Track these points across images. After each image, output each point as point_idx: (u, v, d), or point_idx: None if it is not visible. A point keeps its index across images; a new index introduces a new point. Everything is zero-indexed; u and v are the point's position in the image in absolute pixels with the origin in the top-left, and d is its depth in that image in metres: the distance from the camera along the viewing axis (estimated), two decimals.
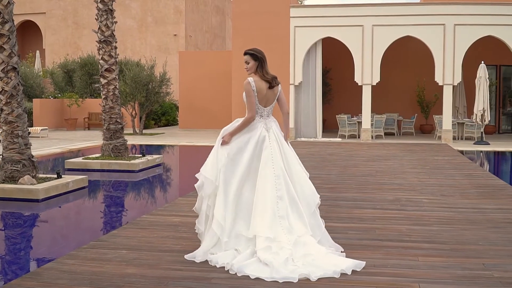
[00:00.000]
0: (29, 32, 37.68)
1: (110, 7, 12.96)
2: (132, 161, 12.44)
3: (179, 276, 4.71)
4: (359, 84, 19.79)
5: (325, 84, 22.46)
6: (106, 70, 12.98)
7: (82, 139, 20.15)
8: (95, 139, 19.54)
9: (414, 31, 19.35)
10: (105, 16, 12.88)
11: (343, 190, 9.18)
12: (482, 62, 18.66)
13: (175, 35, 33.16)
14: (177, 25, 33.21)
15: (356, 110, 21.61)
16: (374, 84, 19.66)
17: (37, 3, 35.58)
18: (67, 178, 9.85)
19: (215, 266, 4.95)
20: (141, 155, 13.36)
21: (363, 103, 19.73)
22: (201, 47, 35.33)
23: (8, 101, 9.47)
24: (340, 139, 20.17)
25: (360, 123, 20.30)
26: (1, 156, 9.60)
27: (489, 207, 7.67)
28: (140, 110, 23.43)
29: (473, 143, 18.56)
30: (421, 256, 5.25)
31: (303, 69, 20.13)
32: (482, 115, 18.41)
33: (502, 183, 9.89)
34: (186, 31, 33.33)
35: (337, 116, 20.94)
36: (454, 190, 9.08)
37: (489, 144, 18.13)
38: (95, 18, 13.06)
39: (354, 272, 4.79)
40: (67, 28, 35.04)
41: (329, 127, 23.50)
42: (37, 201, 8.84)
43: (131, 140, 19.09)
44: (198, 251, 5.21)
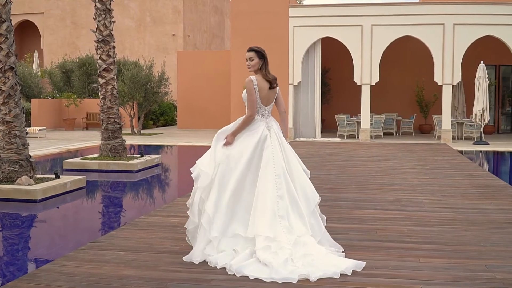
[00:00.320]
0: (27, 32, 37.60)
1: (108, 6, 12.90)
2: (131, 161, 12.38)
3: (177, 278, 4.66)
4: (358, 84, 19.75)
5: (324, 84, 22.41)
6: (104, 70, 12.91)
7: (80, 139, 20.08)
8: (93, 139, 19.48)
9: (413, 31, 19.31)
10: (103, 16, 12.81)
11: (343, 190, 9.13)
12: (482, 62, 18.62)
13: (173, 35, 33.08)
14: (175, 25, 33.13)
15: (355, 110, 21.57)
16: (373, 84, 19.62)
17: (35, 3, 35.50)
18: (65, 179, 9.80)
19: (214, 267, 4.90)
20: (139, 155, 13.30)
21: (362, 103, 19.68)
22: (199, 47, 35.26)
23: (6, 101, 9.41)
24: (339, 139, 20.13)
25: (359, 123, 20.26)
26: None
27: (490, 207, 7.62)
28: (139, 110, 23.36)
29: (473, 143, 18.52)
30: (422, 257, 5.20)
31: (302, 69, 20.08)
32: (481, 115, 18.37)
33: (502, 183, 9.84)
34: (185, 31, 33.25)
35: (336, 116, 20.89)
36: (455, 191, 9.02)
37: (488, 144, 18.09)
38: (93, 18, 13.00)
39: (354, 273, 4.74)
40: (66, 28, 34.94)
41: (328, 127, 23.45)
42: (34, 201, 8.78)
43: (129, 140, 19.02)
44: (194, 251, 5.14)
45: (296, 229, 5.06)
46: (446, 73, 19.15)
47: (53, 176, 9.76)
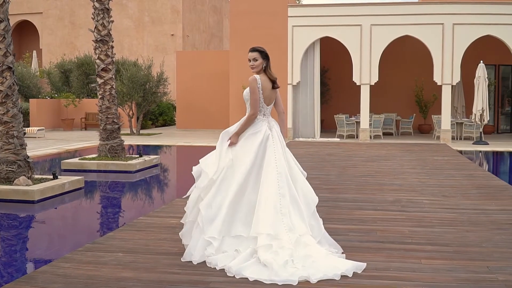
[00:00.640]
0: (26, 32, 37.51)
1: (106, 6, 12.84)
2: (129, 162, 12.32)
3: (176, 280, 4.60)
4: (357, 84, 19.70)
5: (323, 84, 22.35)
6: (102, 69, 12.86)
7: (79, 140, 20.02)
8: (92, 139, 19.41)
9: (413, 30, 19.27)
10: (102, 15, 12.75)
11: (343, 191, 9.07)
12: (481, 61, 18.57)
13: (172, 35, 33.03)
14: (174, 24, 33.08)
15: (354, 110, 21.51)
16: (373, 84, 19.58)
17: (34, 3, 35.41)
18: (63, 179, 9.74)
19: (213, 269, 4.84)
20: (138, 155, 13.24)
21: (361, 103, 19.64)
22: (198, 47, 35.21)
23: (3, 101, 9.35)
24: (338, 139, 20.08)
25: (358, 123, 20.22)
26: None
27: (491, 208, 7.57)
28: (137, 110, 23.29)
29: (472, 143, 18.48)
30: (424, 259, 5.15)
31: (301, 69, 20.03)
32: (481, 115, 18.33)
33: (503, 183, 9.78)
34: (184, 31, 33.20)
35: (335, 116, 20.84)
36: (455, 191, 8.97)
37: (488, 144, 18.05)
38: (92, 17, 12.94)
39: (355, 275, 4.69)
40: (64, 28, 34.88)
41: (327, 127, 23.40)
42: (32, 202, 8.72)
43: (128, 141, 18.97)
44: (193, 251, 5.07)
45: (297, 228, 5.03)
46: (446, 73, 19.10)
47: (51, 177, 9.70)
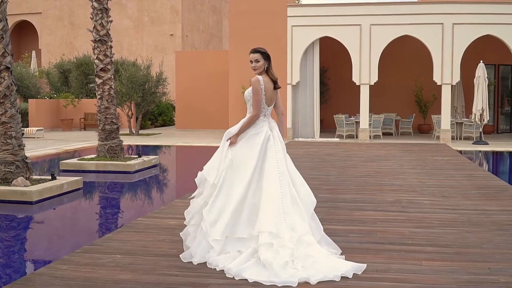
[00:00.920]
0: (25, 32, 37.46)
1: (105, 5, 12.78)
2: (128, 162, 12.27)
3: (175, 282, 4.56)
4: (357, 84, 19.66)
5: (322, 83, 22.31)
6: (101, 69, 12.81)
7: (78, 140, 19.97)
8: (91, 139, 19.35)
9: (412, 30, 19.22)
10: (100, 15, 12.70)
11: (343, 191, 9.02)
12: (481, 61, 18.53)
13: (171, 34, 32.99)
14: (173, 24, 33.04)
15: (354, 110, 21.46)
16: (372, 83, 19.53)
17: (33, 3, 35.36)
18: (61, 180, 9.69)
19: (213, 270, 4.80)
20: (137, 156, 13.19)
21: (361, 103, 19.59)
22: (197, 47, 35.16)
23: (1, 101, 9.30)
24: (338, 139, 20.03)
25: (358, 123, 20.18)
26: None
27: (492, 208, 7.53)
28: (137, 110, 23.25)
29: (472, 143, 18.45)
30: (424, 260, 5.10)
31: (300, 69, 19.99)
32: (480, 114, 18.29)
33: (503, 184, 9.74)
34: (183, 31, 33.15)
35: (334, 116, 20.80)
36: (455, 191, 8.93)
37: (488, 144, 18.01)
38: (90, 17, 12.88)
39: (355, 276, 4.65)
40: (63, 28, 34.83)
41: (327, 127, 23.35)
42: (30, 203, 8.67)
43: (127, 141, 18.92)
44: (195, 251, 5.07)
45: (299, 227, 5.02)
46: (445, 72, 19.06)
47: (50, 177, 9.65)
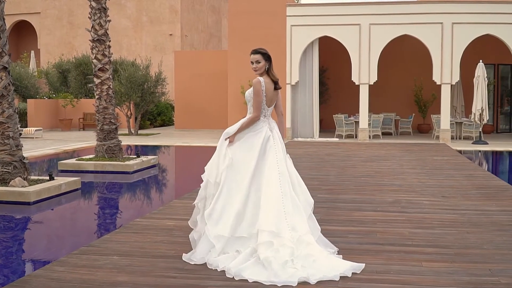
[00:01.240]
0: (24, 32, 37.40)
1: (103, 5, 12.73)
2: (127, 162, 12.22)
3: (173, 284, 4.51)
4: (356, 84, 19.61)
5: (322, 83, 22.25)
6: (99, 69, 12.75)
7: (76, 140, 19.92)
8: (90, 139, 19.29)
9: (412, 30, 19.18)
10: (99, 15, 12.65)
11: (342, 191, 8.97)
12: (480, 61, 18.49)
13: (170, 34, 32.93)
14: (172, 24, 32.98)
15: (353, 110, 21.40)
16: (372, 83, 19.49)
17: (32, 3, 35.29)
18: (59, 180, 9.64)
19: (212, 271, 4.77)
20: (135, 156, 13.14)
21: (360, 102, 19.54)
22: (197, 46, 35.11)
23: None
24: (337, 139, 19.99)
25: (357, 122, 20.13)
26: None
27: (492, 208, 7.49)
28: (136, 110, 23.20)
29: (472, 143, 18.40)
30: (424, 261, 5.06)
31: (299, 69, 19.95)
32: (480, 114, 18.24)
33: (504, 184, 9.70)
34: (182, 31, 33.10)
35: (334, 116, 20.76)
36: (455, 191, 8.89)
37: (487, 143, 17.97)
38: (88, 17, 12.83)
39: (355, 278, 4.61)
40: (62, 28, 34.76)
41: (326, 127, 23.31)
42: (28, 204, 8.62)
43: (126, 141, 18.87)
44: (197, 252, 5.08)
45: (299, 227, 5.02)
46: (445, 72, 19.02)
47: (48, 178, 9.60)
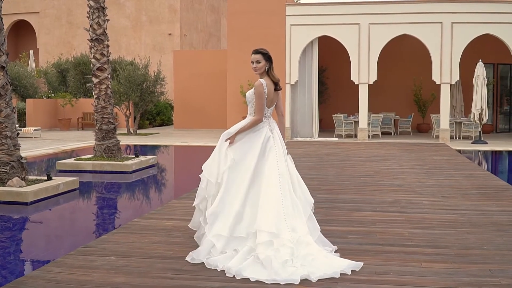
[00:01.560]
0: (23, 32, 37.34)
1: (102, 4, 12.68)
2: (125, 162, 12.17)
3: (170, 285, 4.47)
4: (355, 83, 19.56)
5: (321, 83, 22.20)
6: (98, 69, 12.70)
7: (75, 140, 19.87)
8: (88, 139, 19.24)
9: (411, 29, 19.14)
10: (97, 14, 12.60)
11: (341, 191, 8.93)
12: (480, 60, 18.45)
13: (169, 34, 32.88)
14: (171, 24, 32.93)
15: (353, 110, 21.37)
16: (371, 83, 19.44)
17: (30, 2, 35.22)
18: (57, 180, 9.60)
19: (210, 273, 4.73)
20: (134, 155, 13.09)
21: (359, 102, 19.50)
22: (196, 46, 35.06)
23: None
24: (337, 138, 19.95)
25: (356, 122, 20.09)
26: None
27: (492, 209, 7.45)
28: (135, 110, 23.16)
29: (471, 142, 18.37)
30: (424, 262, 5.02)
31: (299, 68, 19.91)
32: (480, 114, 18.21)
33: (504, 183, 9.65)
34: (181, 30, 33.05)
35: (333, 115, 20.72)
36: (455, 191, 8.84)
37: (487, 143, 17.94)
38: (87, 16, 12.78)
39: (354, 279, 4.58)
40: (61, 28, 34.71)
41: (326, 126, 23.26)
42: (26, 204, 8.58)
43: (125, 140, 18.84)
44: (200, 252, 5.07)
45: (299, 228, 5.04)
46: (444, 72, 18.98)
47: (46, 178, 9.55)
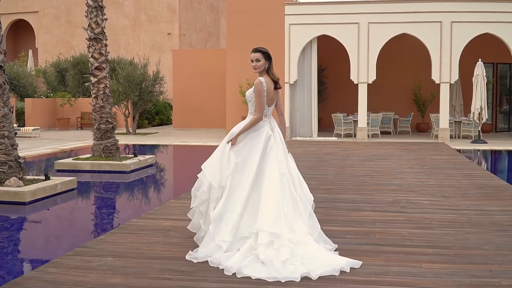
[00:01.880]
0: (22, 31, 37.29)
1: (100, 3, 12.63)
2: (124, 162, 12.12)
3: (168, 286, 4.42)
4: (355, 83, 19.52)
5: (320, 82, 22.17)
6: (96, 68, 12.65)
7: (74, 139, 19.83)
8: (87, 139, 19.19)
9: (411, 28, 19.10)
10: (95, 13, 12.55)
11: (341, 191, 8.88)
12: (480, 60, 18.41)
13: (169, 33, 32.85)
14: (171, 23, 32.90)
15: (352, 109, 21.33)
16: (370, 82, 19.40)
17: (29, 1, 35.18)
18: (55, 180, 9.55)
19: (208, 273, 4.71)
20: (133, 155, 13.04)
21: (359, 101, 19.45)
22: (195, 45, 35.02)
23: None
24: (336, 138, 19.91)
25: (356, 122, 20.05)
26: None
27: (492, 208, 7.40)
28: (134, 109, 23.11)
29: (471, 142, 18.33)
30: (424, 263, 4.98)
31: (298, 68, 19.86)
32: (479, 113, 18.18)
33: (503, 183, 9.61)
34: (180, 30, 33.01)
35: (332, 115, 20.68)
36: (455, 191, 8.80)
37: (486, 142, 17.91)
38: (85, 15, 12.73)
39: (354, 280, 4.53)
40: (60, 27, 34.67)
41: (325, 126, 23.23)
42: (23, 204, 8.53)
43: (124, 140, 18.80)
44: (200, 252, 5.10)
45: (299, 228, 5.07)
46: (444, 71, 18.94)
47: (43, 178, 9.51)
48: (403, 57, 22.83)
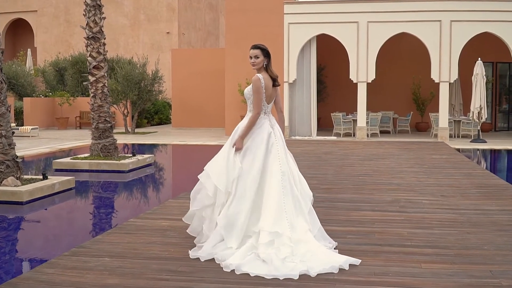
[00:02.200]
0: (20, 31, 37.23)
1: (98, 2, 12.58)
2: (122, 161, 12.08)
3: (165, 287, 4.38)
4: (354, 82, 19.48)
5: (319, 81, 22.13)
6: (94, 67, 12.60)
7: (73, 138, 19.78)
8: (86, 138, 19.14)
9: (410, 27, 19.06)
10: (93, 12, 12.50)
11: (340, 191, 8.85)
12: (479, 59, 18.38)
13: (168, 32, 32.79)
14: (170, 22, 32.84)
15: (351, 108, 21.29)
16: (370, 81, 19.36)
17: (28, 1, 35.12)
18: (53, 179, 9.50)
19: (206, 273, 4.68)
20: (131, 155, 13.00)
21: (358, 101, 19.41)
22: (194, 44, 34.97)
23: None
24: (335, 137, 19.88)
25: (355, 121, 20.01)
26: None
27: (492, 208, 7.36)
28: (132, 108, 23.06)
29: (470, 141, 18.29)
30: (424, 263, 4.94)
31: (297, 67, 19.82)
32: (479, 112, 18.14)
33: (503, 182, 9.57)
34: (179, 29, 32.96)
35: (332, 114, 20.64)
36: (455, 190, 8.76)
37: (486, 142, 17.87)
38: (83, 14, 12.68)
39: (353, 281, 4.49)
40: (59, 26, 34.62)
41: (324, 125, 23.19)
42: (21, 203, 8.48)
43: (123, 139, 18.76)
44: (204, 249, 5.09)
45: (299, 226, 5.08)
46: (443, 70, 18.90)
47: (41, 177, 9.46)
48: (403, 56, 22.79)
